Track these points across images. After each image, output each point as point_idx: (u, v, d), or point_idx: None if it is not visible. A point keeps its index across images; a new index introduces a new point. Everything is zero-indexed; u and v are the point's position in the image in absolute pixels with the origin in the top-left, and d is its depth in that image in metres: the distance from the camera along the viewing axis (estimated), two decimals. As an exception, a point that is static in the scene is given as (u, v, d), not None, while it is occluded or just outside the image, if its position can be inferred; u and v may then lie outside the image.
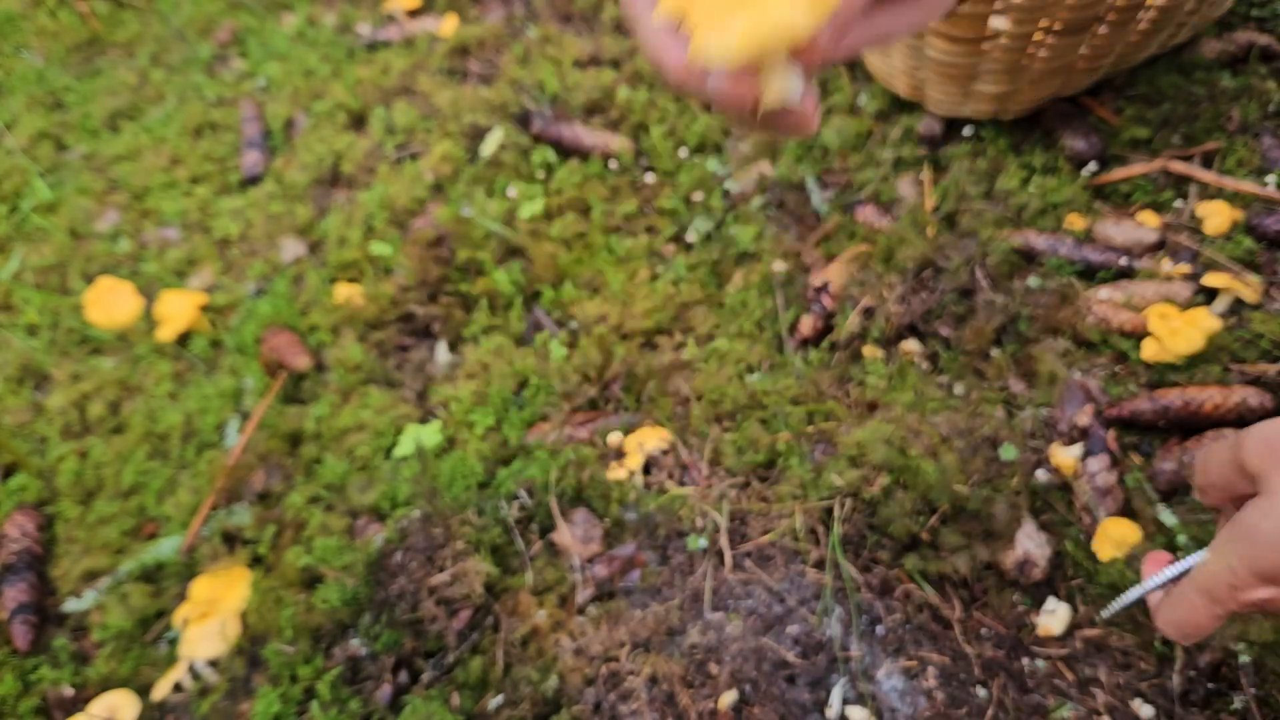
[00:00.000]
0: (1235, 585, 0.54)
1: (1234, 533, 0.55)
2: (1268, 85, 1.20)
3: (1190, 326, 0.95)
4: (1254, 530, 0.53)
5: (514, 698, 0.86)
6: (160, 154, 1.60)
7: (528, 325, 1.22)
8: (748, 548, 0.95)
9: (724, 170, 1.34)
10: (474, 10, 1.73)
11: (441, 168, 1.41)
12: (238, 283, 1.37)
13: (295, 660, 0.93)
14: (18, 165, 1.64)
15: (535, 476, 1.00)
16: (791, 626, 0.89)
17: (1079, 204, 1.16)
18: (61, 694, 0.97)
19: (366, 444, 1.10)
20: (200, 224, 1.48)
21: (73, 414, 1.23)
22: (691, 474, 1.02)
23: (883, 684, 0.85)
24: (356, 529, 1.02)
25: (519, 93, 1.49)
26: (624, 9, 0.45)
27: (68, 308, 1.38)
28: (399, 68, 1.60)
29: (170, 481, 1.13)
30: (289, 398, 1.20)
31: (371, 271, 1.31)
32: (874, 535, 0.93)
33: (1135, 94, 1.24)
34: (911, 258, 1.10)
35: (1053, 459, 0.96)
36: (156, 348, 1.29)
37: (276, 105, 1.62)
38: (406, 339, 1.24)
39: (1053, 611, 0.87)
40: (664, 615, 0.90)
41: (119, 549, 1.08)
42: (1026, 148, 1.23)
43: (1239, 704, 0.80)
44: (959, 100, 1.20)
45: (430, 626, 0.90)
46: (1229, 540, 0.55)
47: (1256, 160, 1.15)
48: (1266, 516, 0.53)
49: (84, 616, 1.04)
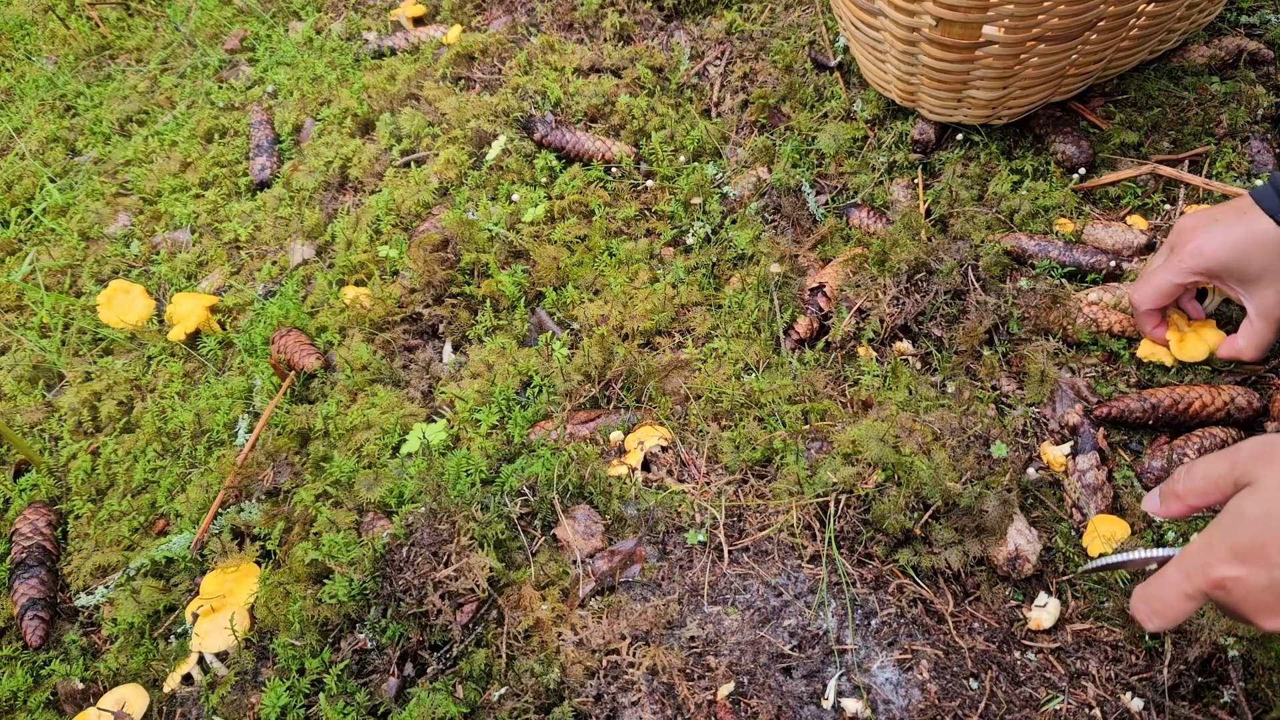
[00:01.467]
0: (1209, 561, 0.58)
1: (1220, 517, 0.60)
2: (1256, 90, 1.22)
3: (1199, 338, 0.99)
4: (1240, 511, 0.58)
5: (517, 689, 0.88)
6: (170, 159, 1.63)
7: (531, 326, 1.24)
8: (745, 543, 0.97)
9: (722, 175, 1.36)
10: (478, 19, 1.75)
11: (447, 173, 1.43)
12: (247, 285, 1.40)
13: (303, 653, 0.95)
14: (30, 169, 1.67)
15: (538, 473, 1.02)
16: (788, 620, 0.91)
17: (1069, 207, 1.18)
18: (72, 688, 0.99)
19: (374, 442, 1.12)
20: (210, 227, 1.50)
21: (84, 413, 1.26)
22: (690, 471, 1.04)
23: (877, 676, 0.87)
24: (364, 525, 1.04)
25: (522, 99, 1.52)
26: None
27: (79, 309, 1.40)
28: (405, 75, 1.63)
29: (181, 479, 1.16)
30: (298, 397, 1.22)
31: (378, 274, 1.34)
32: (868, 531, 0.95)
33: (1125, 99, 1.27)
34: (905, 260, 1.13)
35: (1043, 456, 0.98)
36: (167, 348, 1.32)
37: (285, 111, 1.65)
38: (413, 339, 1.27)
39: (1043, 606, 0.89)
40: (663, 609, 0.92)
41: (130, 545, 1.10)
42: (1018, 152, 1.26)
43: (1228, 697, 0.82)
44: (952, 106, 1.23)
45: (435, 620, 0.92)
46: (1214, 524, 0.60)
47: (1244, 164, 1.17)
48: (1253, 502, 0.58)
49: (95, 611, 1.06)
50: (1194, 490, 0.64)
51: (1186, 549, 0.61)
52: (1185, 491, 0.64)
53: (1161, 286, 0.94)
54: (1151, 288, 0.95)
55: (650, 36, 1.61)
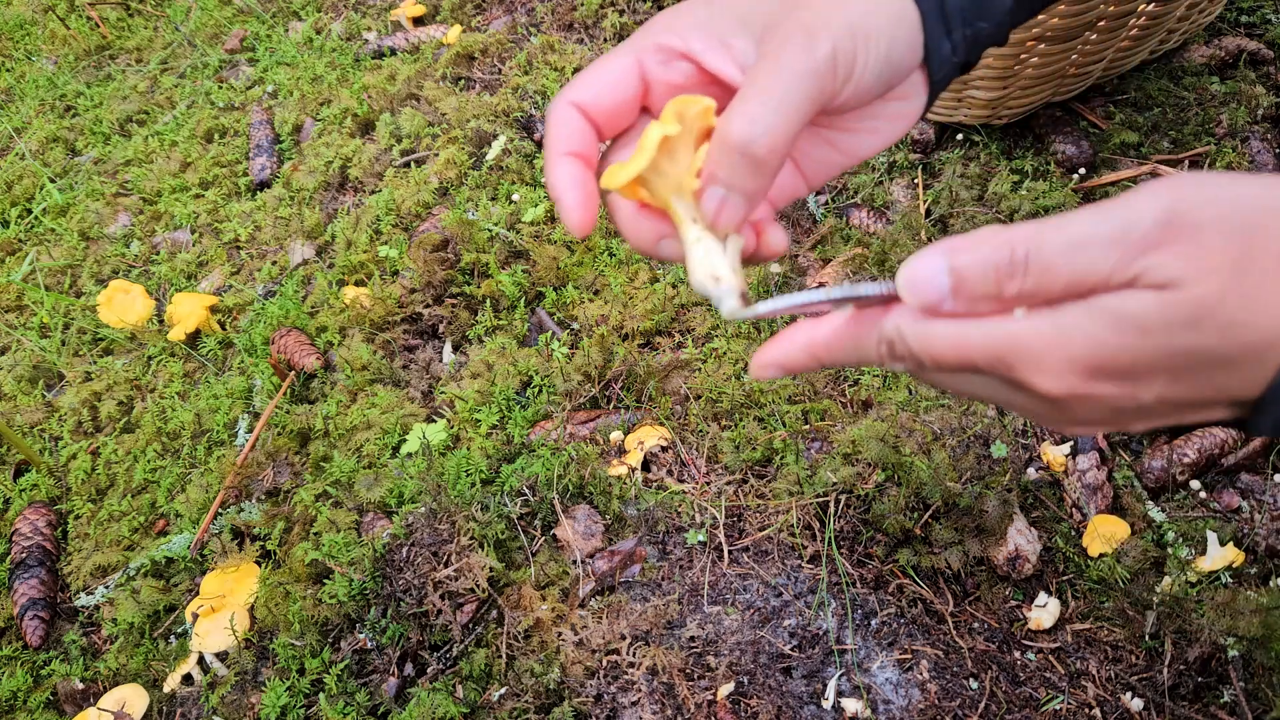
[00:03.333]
0: (1060, 368, 0.35)
1: (1096, 317, 0.34)
2: (1256, 90, 1.22)
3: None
4: (1138, 323, 0.33)
5: (517, 689, 0.88)
6: (171, 159, 1.63)
7: (531, 326, 1.24)
8: (745, 543, 0.97)
9: (723, 175, 1.36)
10: (478, 19, 1.75)
11: (447, 173, 1.43)
12: (247, 285, 1.40)
13: (303, 653, 0.95)
14: (30, 169, 1.67)
15: (538, 473, 1.02)
16: (788, 620, 0.91)
17: (1069, 208, 1.18)
18: (72, 688, 0.99)
19: (374, 442, 1.12)
20: (210, 227, 1.50)
21: (84, 413, 1.26)
22: (690, 471, 1.04)
23: (877, 676, 0.87)
24: (364, 525, 1.04)
25: (522, 99, 1.52)
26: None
27: (79, 309, 1.40)
28: (405, 75, 1.63)
29: (181, 479, 1.16)
30: (298, 397, 1.22)
31: (378, 274, 1.34)
32: (868, 531, 0.95)
33: (1125, 99, 1.27)
34: (900, 256, 1.13)
35: (1043, 456, 0.98)
36: (167, 348, 1.32)
37: (285, 111, 1.65)
38: (413, 339, 1.27)
39: (1043, 606, 0.89)
40: (663, 608, 0.92)
41: (130, 545, 1.11)
42: (1018, 153, 1.26)
43: (1228, 697, 0.82)
44: (952, 106, 1.23)
45: (435, 620, 0.92)
46: (1082, 324, 0.34)
47: (1244, 164, 1.17)
48: (1169, 308, 0.33)
49: (95, 611, 1.06)
50: (1047, 286, 0.35)
51: (1024, 339, 0.35)
52: (1030, 291, 0.35)
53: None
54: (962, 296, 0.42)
55: (650, 36, 1.61)
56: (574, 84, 0.45)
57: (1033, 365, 0.36)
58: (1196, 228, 0.33)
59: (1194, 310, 0.33)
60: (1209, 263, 0.32)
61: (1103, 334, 0.34)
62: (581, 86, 0.45)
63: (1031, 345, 0.35)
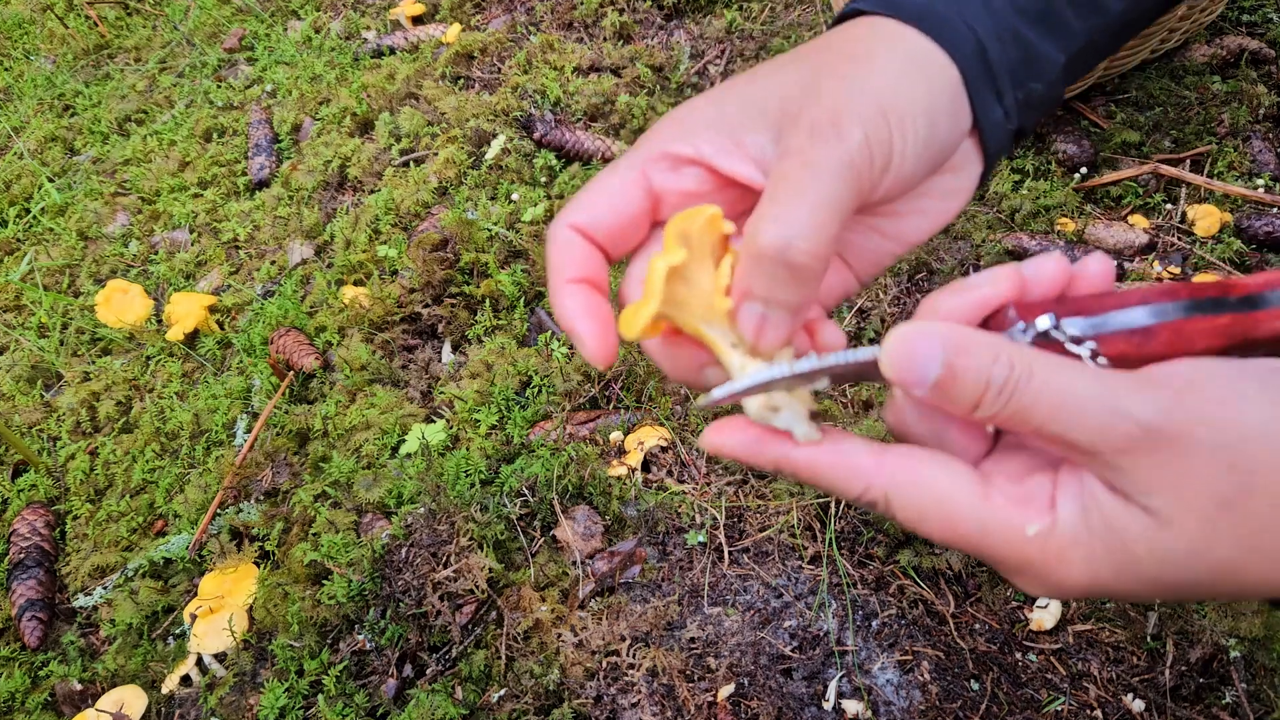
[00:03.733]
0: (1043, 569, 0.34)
1: (1108, 541, 0.33)
2: (1257, 89, 1.22)
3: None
4: (1124, 542, 0.33)
5: (517, 690, 0.88)
6: (169, 158, 1.62)
7: (530, 326, 1.24)
8: (745, 544, 0.97)
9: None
10: (477, 18, 1.75)
11: (446, 172, 1.43)
12: (246, 284, 1.39)
13: (302, 654, 0.94)
14: (28, 169, 1.66)
15: (537, 474, 1.02)
16: (788, 621, 0.91)
17: (1070, 207, 1.18)
18: (70, 689, 0.99)
19: (373, 442, 1.12)
20: (209, 227, 1.50)
21: (83, 413, 1.25)
22: (690, 471, 1.04)
23: (878, 677, 0.87)
24: (363, 525, 1.04)
25: (522, 99, 1.51)
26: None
27: (78, 309, 1.40)
28: (404, 74, 1.62)
29: (179, 479, 1.15)
30: (296, 397, 1.22)
31: (377, 273, 1.34)
32: (869, 531, 0.95)
33: (1126, 98, 1.26)
34: (906, 260, 1.12)
35: (1045, 457, 0.98)
36: (166, 348, 1.31)
37: (284, 110, 1.65)
38: (412, 339, 1.27)
39: (1044, 607, 0.89)
40: (663, 609, 0.92)
41: (128, 546, 1.10)
42: (1019, 152, 1.25)
43: (1230, 698, 0.82)
44: (954, 105, 1.22)
45: (435, 621, 0.92)
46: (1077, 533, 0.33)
47: (1246, 163, 1.17)
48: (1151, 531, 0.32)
49: (93, 612, 1.05)
50: (1017, 426, 0.34)
51: (1027, 550, 0.34)
52: (999, 421, 0.34)
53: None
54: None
55: (650, 35, 1.61)
56: (573, 204, 0.40)
57: (1028, 578, 0.35)
58: (1186, 450, 0.31)
59: (1185, 553, 0.32)
60: (1193, 501, 0.31)
61: (1100, 566, 0.33)
62: (580, 207, 0.40)
63: (1031, 559, 0.34)
